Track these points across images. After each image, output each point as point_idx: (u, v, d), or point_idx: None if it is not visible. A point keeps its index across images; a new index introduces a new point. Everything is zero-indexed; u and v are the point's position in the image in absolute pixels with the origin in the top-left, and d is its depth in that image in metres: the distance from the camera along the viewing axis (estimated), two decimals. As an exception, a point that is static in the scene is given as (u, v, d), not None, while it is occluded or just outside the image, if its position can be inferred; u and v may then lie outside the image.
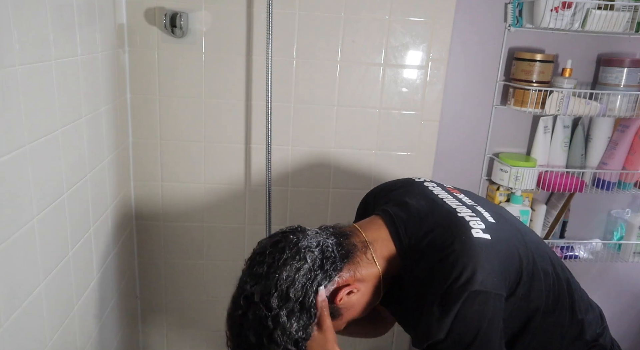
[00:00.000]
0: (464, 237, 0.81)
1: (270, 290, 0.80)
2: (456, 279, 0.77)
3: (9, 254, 0.84)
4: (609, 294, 1.89)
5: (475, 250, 0.79)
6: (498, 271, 0.80)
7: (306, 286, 0.81)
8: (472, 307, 0.76)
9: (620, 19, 1.42)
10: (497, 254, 0.81)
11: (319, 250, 0.84)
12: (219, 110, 1.54)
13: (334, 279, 0.84)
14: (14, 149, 0.84)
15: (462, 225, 0.84)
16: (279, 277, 0.80)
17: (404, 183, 1.02)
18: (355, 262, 0.87)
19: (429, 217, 0.88)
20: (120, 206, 1.46)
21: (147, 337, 1.75)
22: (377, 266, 0.88)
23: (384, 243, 0.89)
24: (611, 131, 1.65)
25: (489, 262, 0.79)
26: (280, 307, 0.79)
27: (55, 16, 0.97)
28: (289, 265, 0.81)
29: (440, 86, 1.57)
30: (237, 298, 0.84)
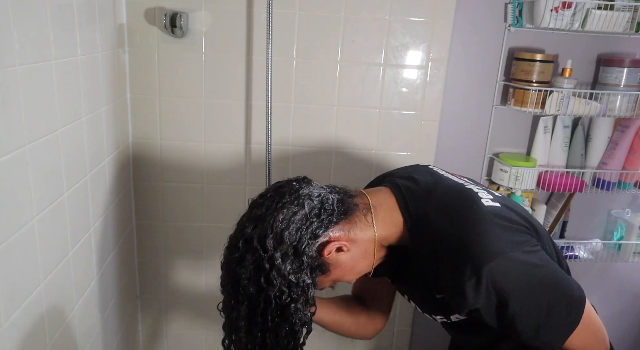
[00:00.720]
0: (475, 206, 0.82)
1: (267, 232, 0.80)
2: (477, 245, 0.76)
3: (9, 254, 0.84)
4: (609, 294, 1.89)
5: (489, 217, 0.79)
6: (516, 229, 0.81)
7: (300, 231, 0.81)
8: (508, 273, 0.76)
9: (620, 19, 1.42)
10: (510, 217, 0.82)
11: (318, 200, 0.84)
12: (219, 110, 1.54)
13: (327, 231, 0.83)
14: (14, 149, 0.84)
15: (472, 195, 0.85)
16: (275, 219, 0.81)
17: (409, 166, 1.03)
18: (352, 221, 0.85)
19: (438, 188, 0.88)
20: (120, 206, 1.46)
21: (147, 337, 1.75)
22: (373, 230, 0.86)
23: (389, 210, 0.88)
24: (611, 131, 1.65)
25: (505, 224, 0.80)
26: (275, 248, 0.80)
27: (55, 16, 0.97)
28: (285, 209, 0.81)
29: (440, 86, 1.57)
30: (235, 240, 0.84)
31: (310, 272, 0.82)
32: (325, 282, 0.89)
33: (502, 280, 0.76)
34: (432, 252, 0.82)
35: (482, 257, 0.75)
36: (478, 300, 0.77)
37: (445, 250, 0.80)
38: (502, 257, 0.76)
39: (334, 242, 0.83)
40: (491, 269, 0.75)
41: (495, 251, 0.76)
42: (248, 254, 0.80)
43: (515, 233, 0.80)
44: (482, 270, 0.75)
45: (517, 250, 0.77)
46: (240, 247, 0.82)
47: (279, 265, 0.79)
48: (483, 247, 0.76)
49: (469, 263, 0.76)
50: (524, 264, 0.77)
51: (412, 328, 1.82)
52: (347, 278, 0.89)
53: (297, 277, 0.80)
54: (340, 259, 0.85)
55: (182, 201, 1.62)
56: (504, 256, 0.76)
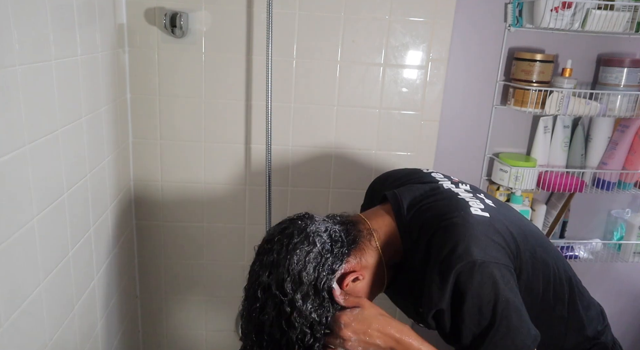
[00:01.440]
0: (462, 212, 0.84)
1: (284, 276, 0.80)
2: (453, 248, 0.78)
3: (9, 254, 0.84)
4: (609, 294, 1.89)
5: (473, 223, 0.81)
6: (498, 245, 0.81)
7: (317, 269, 0.81)
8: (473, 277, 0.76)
9: (620, 19, 1.42)
10: (496, 231, 0.83)
11: (327, 235, 0.85)
12: (219, 110, 1.54)
13: (342, 264, 0.84)
14: (14, 149, 0.84)
15: (462, 203, 0.87)
16: (290, 262, 0.81)
17: (410, 171, 1.05)
18: (361, 249, 0.87)
19: (431, 197, 0.90)
20: (120, 206, 1.46)
21: (147, 337, 1.75)
22: (380, 254, 0.88)
23: (389, 232, 0.90)
24: (611, 131, 1.65)
25: (487, 236, 0.81)
26: (295, 291, 0.80)
27: (55, 16, 0.97)
28: (298, 250, 0.82)
29: (440, 86, 1.57)
30: (252, 291, 0.83)
31: (332, 308, 0.83)
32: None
33: (465, 283, 0.77)
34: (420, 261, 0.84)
35: (454, 259, 0.77)
36: (442, 299, 0.78)
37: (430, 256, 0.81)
38: (473, 263, 0.77)
39: (351, 274, 0.85)
40: (459, 271, 0.77)
41: (468, 256, 0.77)
42: (269, 301, 0.81)
43: (493, 247, 0.80)
44: (450, 270, 0.77)
45: (488, 263, 0.77)
46: (260, 296, 0.82)
47: (299, 307, 0.80)
48: (459, 251, 0.78)
49: (442, 263, 0.78)
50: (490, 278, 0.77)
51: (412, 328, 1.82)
52: None
53: (319, 315, 0.81)
54: (358, 287, 0.86)
55: (182, 201, 1.62)
56: (474, 263, 0.77)
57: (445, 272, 0.78)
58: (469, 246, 0.78)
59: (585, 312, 0.94)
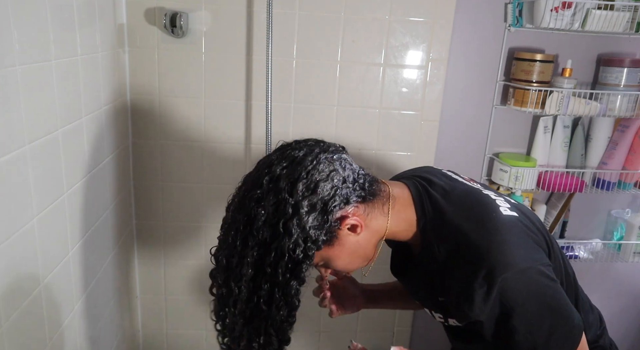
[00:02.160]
0: (494, 214, 0.79)
1: (301, 175, 0.73)
2: (493, 256, 0.73)
3: (9, 254, 0.84)
4: (609, 294, 1.89)
5: (507, 226, 0.77)
6: (534, 244, 0.79)
7: (335, 189, 0.74)
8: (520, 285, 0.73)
9: (620, 19, 1.42)
10: (529, 230, 0.80)
11: (356, 170, 0.80)
12: (219, 110, 1.54)
13: (353, 204, 0.77)
14: (14, 149, 0.84)
15: (490, 202, 0.82)
16: (314, 167, 0.74)
17: (426, 167, 1.00)
18: (373, 206, 0.81)
19: (455, 191, 0.84)
20: (120, 206, 1.46)
21: (147, 337, 1.75)
22: (387, 222, 0.82)
23: (405, 205, 0.84)
24: (611, 131, 1.65)
25: (522, 238, 0.77)
26: (305, 196, 0.72)
27: (55, 16, 0.97)
28: (327, 162, 0.76)
29: (440, 86, 1.57)
30: (257, 177, 0.75)
31: (325, 234, 0.75)
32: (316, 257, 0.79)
33: (511, 293, 0.73)
34: (445, 253, 0.79)
35: (497, 267, 0.73)
36: (484, 310, 0.75)
37: (459, 254, 0.77)
38: (517, 270, 0.73)
39: (354, 218, 0.78)
40: (504, 281, 0.72)
41: (511, 263, 0.73)
42: (271, 194, 0.73)
43: (532, 248, 0.78)
44: (495, 280, 0.72)
45: (531, 267, 0.75)
46: (264, 184, 0.74)
47: (302, 215, 0.72)
48: (500, 258, 0.73)
49: (482, 271, 0.73)
50: (536, 283, 0.75)
51: (412, 328, 1.82)
52: (336, 262, 0.83)
53: (316, 234, 0.74)
54: (348, 239, 0.79)
55: (182, 201, 1.62)
56: (519, 270, 0.73)
57: (489, 283, 0.73)
58: (509, 252, 0.74)
59: (586, 317, 0.93)
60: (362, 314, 1.79)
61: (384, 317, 1.80)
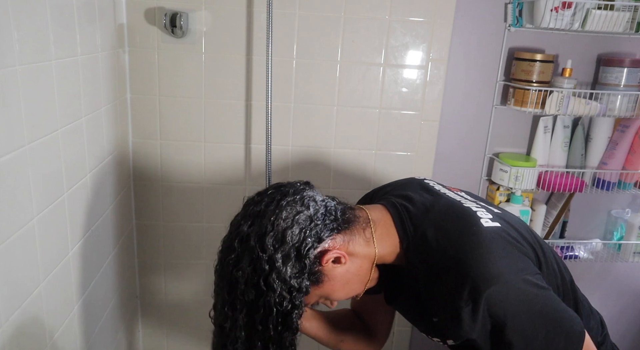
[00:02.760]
0: (474, 228, 0.77)
1: (266, 229, 0.74)
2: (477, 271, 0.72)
3: (9, 254, 0.84)
4: (609, 294, 1.89)
5: (489, 238, 0.76)
6: (519, 253, 0.77)
7: (304, 232, 0.75)
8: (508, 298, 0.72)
9: (620, 19, 1.42)
10: (512, 239, 0.78)
11: (322, 204, 0.79)
12: (219, 110, 1.54)
13: (330, 238, 0.77)
14: (14, 149, 0.84)
15: (470, 215, 0.80)
16: (277, 217, 0.74)
17: (405, 181, 0.99)
18: (352, 233, 0.80)
19: (435, 207, 0.83)
20: (120, 206, 1.46)
21: (147, 337, 1.75)
22: (374, 247, 0.81)
23: (386, 228, 0.83)
24: (611, 131, 1.65)
25: (506, 249, 0.76)
26: (276, 249, 0.73)
27: (55, 16, 0.97)
28: (289, 207, 0.76)
29: (440, 86, 1.57)
30: (229, 241, 0.77)
31: (308, 278, 0.76)
32: (312, 297, 0.82)
33: (499, 306, 0.72)
34: (428, 272, 0.78)
35: (480, 283, 0.72)
36: (474, 327, 0.74)
37: (442, 271, 0.76)
38: (502, 283, 0.72)
39: (335, 251, 0.77)
40: (489, 295, 0.71)
41: (495, 276, 0.72)
42: (245, 255, 0.74)
43: (516, 258, 0.76)
44: (480, 295, 0.71)
45: (517, 277, 0.73)
46: (236, 247, 0.75)
47: (279, 268, 0.73)
48: (482, 272, 0.72)
49: (466, 287, 0.72)
50: (523, 292, 0.73)
51: (412, 328, 1.82)
52: (335, 295, 0.83)
53: (298, 282, 0.74)
54: (335, 272, 0.79)
55: (182, 201, 1.62)
56: (504, 282, 0.72)
57: (475, 299, 0.72)
58: (492, 265, 0.72)
59: (587, 322, 0.92)
60: (362, 314, 1.79)
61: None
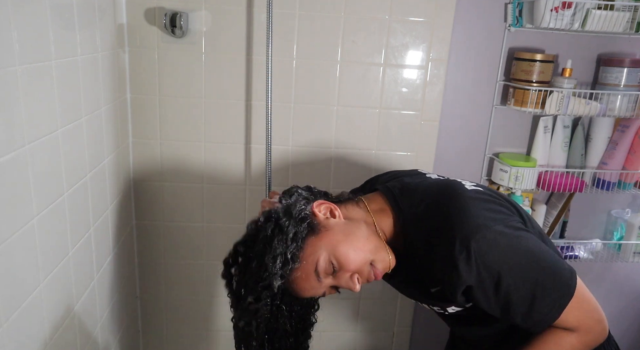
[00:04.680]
0: (458, 190, 0.85)
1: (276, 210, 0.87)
2: (462, 224, 0.79)
3: (9, 254, 0.84)
4: (609, 294, 1.89)
5: (472, 196, 0.83)
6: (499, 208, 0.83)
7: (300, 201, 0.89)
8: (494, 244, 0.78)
9: (620, 19, 1.42)
10: (495, 196, 0.86)
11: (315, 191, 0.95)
12: (219, 110, 1.54)
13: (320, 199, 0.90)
14: (14, 149, 0.84)
15: (454, 182, 0.89)
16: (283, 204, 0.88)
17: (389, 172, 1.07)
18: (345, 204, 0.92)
19: (423, 184, 0.91)
20: (120, 206, 1.46)
21: (147, 337, 1.75)
22: (371, 216, 0.90)
23: (380, 205, 0.91)
24: (611, 131, 1.65)
25: (488, 203, 0.83)
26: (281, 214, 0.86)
27: (55, 16, 0.97)
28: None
29: (440, 86, 1.57)
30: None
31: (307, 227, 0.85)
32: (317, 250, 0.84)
33: (490, 254, 0.77)
34: (425, 242, 0.84)
35: (467, 232, 0.78)
36: (470, 275, 0.78)
37: (435, 236, 0.82)
38: (486, 230, 0.78)
39: (325, 204, 0.88)
40: (478, 243, 0.77)
41: (479, 224, 0.78)
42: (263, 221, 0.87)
43: (497, 210, 0.83)
44: (470, 243, 0.77)
45: (500, 224, 0.79)
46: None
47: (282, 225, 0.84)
48: (467, 223, 0.79)
49: (457, 239, 0.78)
50: (508, 237, 0.79)
51: (412, 328, 1.82)
52: (341, 248, 0.84)
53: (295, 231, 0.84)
54: (331, 223, 0.86)
55: (182, 201, 1.62)
56: (488, 229, 0.78)
57: (467, 247, 0.77)
58: (476, 217, 0.79)
59: None
60: (362, 315, 1.79)
61: (384, 318, 1.80)
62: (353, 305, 1.78)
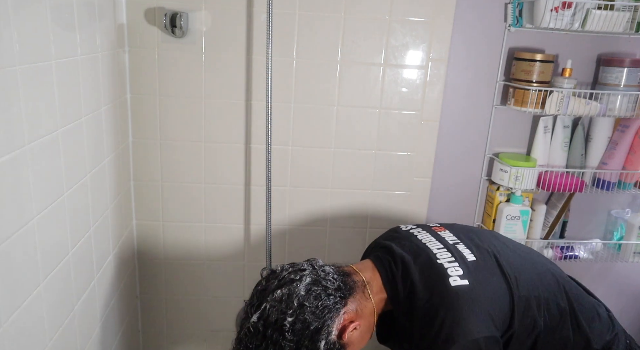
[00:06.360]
0: (441, 288, 0.90)
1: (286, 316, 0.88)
2: (437, 334, 0.85)
3: (9, 254, 0.84)
4: (609, 294, 1.89)
5: (453, 300, 0.87)
6: (482, 315, 0.87)
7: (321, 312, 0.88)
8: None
9: (620, 19, 1.42)
10: (478, 298, 0.88)
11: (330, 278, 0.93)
12: (219, 110, 1.54)
13: (341, 313, 0.90)
14: (14, 149, 0.84)
15: (440, 274, 0.92)
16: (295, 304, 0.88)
17: (390, 232, 1.13)
18: (356, 299, 0.94)
19: (412, 264, 0.96)
20: (120, 206, 1.46)
21: (147, 337, 1.75)
22: (372, 304, 0.96)
23: (378, 284, 0.98)
24: (611, 131, 1.65)
25: (468, 310, 0.86)
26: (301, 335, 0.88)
27: (55, 16, 0.97)
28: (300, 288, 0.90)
29: (440, 86, 1.57)
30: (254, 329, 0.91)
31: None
32: None
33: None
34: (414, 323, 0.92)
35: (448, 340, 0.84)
36: None
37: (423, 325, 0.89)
38: (462, 341, 0.84)
39: (351, 324, 0.91)
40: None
41: (458, 335, 0.84)
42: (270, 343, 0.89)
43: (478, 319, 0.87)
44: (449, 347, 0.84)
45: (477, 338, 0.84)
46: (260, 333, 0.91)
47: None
48: (449, 330, 0.85)
49: (439, 340, 0.85)
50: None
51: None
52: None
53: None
54: (354, 337, 0.92)
55: (182, 201, 1.62)
56: (464, 340, 0.84)
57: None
58: (451, 330, 0.85)
59: (588, 325, 0.95)
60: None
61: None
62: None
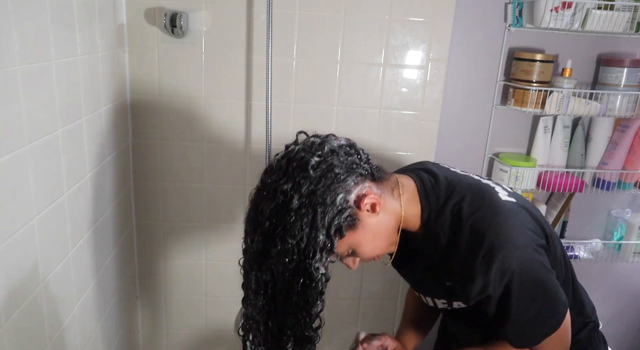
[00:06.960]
0: (492, 200, 0.85)
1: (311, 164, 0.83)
2: (492, 237, 0.79)
3: (9, 254, 0.84)
4: (609, 294, 1.89)
5: (505, 210, 0.83)
6: (530, 227, 0.84)
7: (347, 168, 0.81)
8: (516, 262, 0.79)
9: (620, 19, 1.42)
10: (525, 215, 0.85)
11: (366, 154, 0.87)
12: (219, 110, 1.54)
13: (366, 182, 0.82)
14: (14, 149, 0.84)
15: (489, 189, 0.88)
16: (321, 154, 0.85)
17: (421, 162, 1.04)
18: (384, 188, 0.85)
19: (456, 182, 0.89)
20: (120, 206, 1.46)
21: (147, 337, 1.75)
22: (401, 208, 0.86)
23: (412, 195, 0.88)
24: (611, 131, 1.65)
25: (519, 220, 0.83)
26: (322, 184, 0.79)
27: (55, 16, 0.97)
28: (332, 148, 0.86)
29: (440, 86, 1.57)
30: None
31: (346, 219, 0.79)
32: (343, 245, 0.83)
33: (507, 273, 0.79)
34: (448, 240, 0.85)
35: (494, 247, 0.79)
36: (484, 287, 0.80)
37: (462, 237, 0.83)
38: (513, 249, 0.79)
39: (372, 196, 0.81)
40: (499, 262, 0.78)
41: (507, 242, 0.79)
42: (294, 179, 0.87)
43: (526, 229, 0.83)
44: (492, 259, 0.78)
45: (523, 245, 0.80)
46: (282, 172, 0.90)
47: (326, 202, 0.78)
48: (496, 239, 0.79)
49: (481, 252, 0.79)
50: (531, 260, 0.80)
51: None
52: (363, 248, 0.85)
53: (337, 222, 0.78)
54: (369, 221, 0.82)
55: (182, 201, 1.62)
56: (514, 248, 0.79)
57: (489, 262, 0.79)
58: (505, 233, 0.80)
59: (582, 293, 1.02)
60: (362, 315, 1.79)
61: (384, 318, 1.80)
62: (353, 305, 1.78)
